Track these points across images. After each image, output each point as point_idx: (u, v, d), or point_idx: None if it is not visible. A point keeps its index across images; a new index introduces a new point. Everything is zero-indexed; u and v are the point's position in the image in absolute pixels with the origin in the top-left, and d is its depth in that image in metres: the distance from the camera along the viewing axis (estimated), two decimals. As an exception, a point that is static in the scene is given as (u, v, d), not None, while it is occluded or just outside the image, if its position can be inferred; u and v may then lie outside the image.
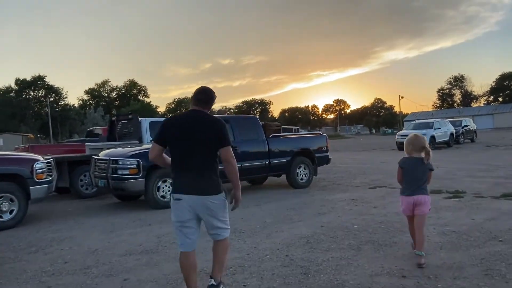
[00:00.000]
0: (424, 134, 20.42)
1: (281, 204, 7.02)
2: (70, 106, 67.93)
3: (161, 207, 6.96)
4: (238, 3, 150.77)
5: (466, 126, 26.63)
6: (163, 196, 7.05)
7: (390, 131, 72.84)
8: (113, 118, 10.51)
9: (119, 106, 75.69)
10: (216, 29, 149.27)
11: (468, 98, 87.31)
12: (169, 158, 3.01)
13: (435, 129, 21.88)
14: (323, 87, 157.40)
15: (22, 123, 60.05)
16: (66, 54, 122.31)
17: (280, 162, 8.76)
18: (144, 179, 6.81)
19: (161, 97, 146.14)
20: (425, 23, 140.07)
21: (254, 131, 8.43)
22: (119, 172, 6.79)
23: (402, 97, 75.40)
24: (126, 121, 10.28)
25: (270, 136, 8.78)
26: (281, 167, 8.84)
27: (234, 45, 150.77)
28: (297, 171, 9.07)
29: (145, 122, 9.89)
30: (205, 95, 3.03)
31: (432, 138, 21.07)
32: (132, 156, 6.84)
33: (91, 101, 79.37)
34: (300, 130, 53.08)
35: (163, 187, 7.06)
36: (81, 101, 78.27)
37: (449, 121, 24.85)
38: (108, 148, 8.13)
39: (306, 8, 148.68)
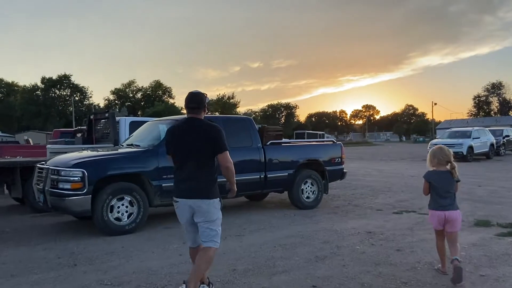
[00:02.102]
0: (461, 144, 18.35)
1: (271, 236, 5.23)
2: (94, 105, 68.17)
3: (115, 233, 5.33)
4: (269, 5, 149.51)
5: (507, 136, 23.92)
6: (118, 219, 5.41)
7: (421, 139, 69.29)
8: (91, 117, 9.03)
9: (144, 107, 75.53)
10: (246, 32, 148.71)
11: (506, 106, 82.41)
12: None
13: (473, 138, 19.43)
14: (353, 92, 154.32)
15: (47, 122, 60.51)
16: (95, 54, 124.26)
17: (280, 176, 6.97)
18: (90, 196, 5.19)
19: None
20: (461, 29, 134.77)
21: (246, 137, 6.69)
22: (60, 185, 5.20)
23: (435, 104, 71.65)
24: (105, 120, 8.76)
25: (268, 143, 7.02)
26: (281, 183, 7.05)
27: (264, 49, 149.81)
28: (302, 187, 7.25)
29: (124, 122, 8.34)
30: (194, 102, 3.12)
31: (470, 148, 18.69)
32: (75, 166, 5.23)
33: (116, 101, 79.66)
34: (326, 136, 51.08)
35: (119, 207, 5.42)
36: (106, 101, 78.67)
37: (489, 130, 22.25)
38: (65, 152, 6.57)
39: (338, 11, 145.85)
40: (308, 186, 7.34)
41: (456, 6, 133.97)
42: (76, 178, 5.13)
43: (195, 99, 3.12)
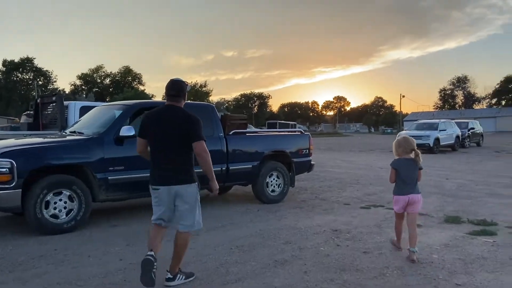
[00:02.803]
0: (428, 136, 18.39)
1: (229, 236, 4.72)
2: (60, 90, 65.30)
3: (51, 232, 4.68)
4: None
5: (472, 128, 24.35)
6: (54, 216, 4.76)
7: (389, 130, 70.46)
8: (38, 101, 8.19)
9: (113, 93, 73.10)
10: (220, 20, 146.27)
11: (470, 99, 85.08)
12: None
13: (440, 130, 19.55)
14: (325, 83, 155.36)
15: (9, 106, 57.45)
16: (61, 37, 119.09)
17: (243, 168, 6.46)
18: (20, 190, 4.51)
19: (163, 86, 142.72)
20: (430, 24, 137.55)
21: (207, 125, 6.09)
22: (-16, 178, 4.48)
23: (403, 96, 73.16)
24: (53, 104, 7.95)
25: (231, 133, 6.48)
26: (245, 175, 6.54)
27: (238, 38, 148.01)
28: (267, 180, 6.78)
29: (74, 106, 7.59)
30: (174, 90, 3.16)
31: (436, 140, 18.79)
32: (2, 155, 4.51)
33: (83, 87, 76.73)
34: (298, 126, 50.93)
35: (56, 202, 4.76)
36: (73, 86, 75.63)
37: (455, 122, 22.54)
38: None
39: (312, 4, 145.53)
40: (274, 179, 6.87)
41: (426, 1, 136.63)
42: (3, 170, 4.42)
43: (176, 87, 3.16)
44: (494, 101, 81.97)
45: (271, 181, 6.83)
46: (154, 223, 3.19)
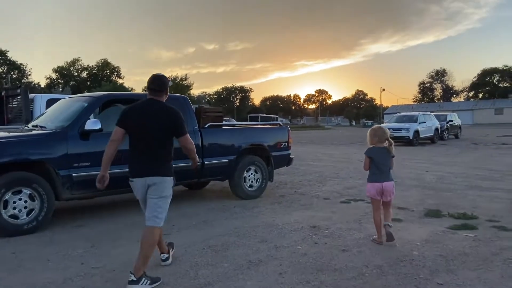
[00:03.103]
0: (407, 128, 18.46)
1: (202, 235, 4.48)
2: (34, 84, 63.50)
3: (10, 233, 4.35)
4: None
5: (451, 121, 24.63)
6: (14, 216, 4.42)
7: (370, 123, 71.03)
8: (3, 93, 7.74)
9: (90, 87, 71.46)
10: (201, 12, 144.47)
11: (448, 92, 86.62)
12: (115, 151, 3.13)
13: (419, 123, 19.70)
14: (307, 77, 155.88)
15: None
16: (35, 29, 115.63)
17: (219, 163, 6.21)
18: (-28, 189, 4.15)
19: (143, 79, 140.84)
20: (409, 17, 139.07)
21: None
22: None
23: (384, 90, 73.87)
24: (19, 97, 7.51)
25: (206, 126, 6.21)
26: (221, 170, 6.29)
27: (219, 30, 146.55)
28: (245, 175, 6.55)
29: (40, 99, 7.18)
30: (155, 84, 3.17)
31: (416, 132, 18.94)
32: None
33: (59, 80, 74.79)
34: (280, 119, 50.89)
35: (15, 202, 4.42)
36: (48, 80, 73.61)
37: (434, 115, 22.75)
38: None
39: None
40: (252, 174, 6.64)
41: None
42: (-47, 168, 4.07)
43: (157, 82, 3.19)
44: (471, 94, 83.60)
45: (249, 176, 6.61)
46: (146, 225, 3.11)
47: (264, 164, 6.76)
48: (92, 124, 4.86)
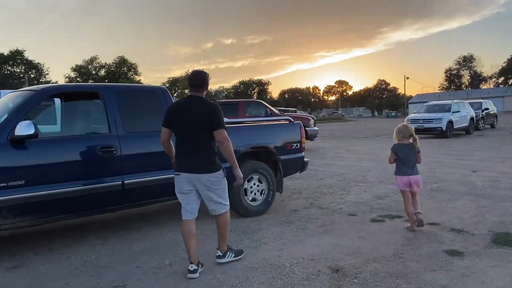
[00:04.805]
0: (440, 119, 16.44)
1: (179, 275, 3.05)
2: (53, 83, 63.67)
3: None
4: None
5: (486, 109, 22.51)
6: None
7: (394, 114, 68.27)
8: None
9: (108, 84, 71.36)
10: (218, 7, 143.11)
11: (477, 79, 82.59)
12: (171, 147, 3.36)
13: (453, 112, 17.63)
14: (326, 68, 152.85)
15: None
16: (53, 29, 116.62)
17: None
18: None
19: (163, 76, 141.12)
20: (432, 4, 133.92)
21: (158, 116, 4.39)
22: None
23: (408, 78, 70.88)
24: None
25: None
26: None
27: (237, 24, 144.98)
28: (246, 186, 5.10)
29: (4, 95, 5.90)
30: (196, 80, 3.26)
31: (450, 123, 16.92)
32: None
33: (78, 79, 74.99)
34: (298, 112, 49.07)
35: None
36: (67, 78, 73.81)
37: (468, 103, 20.62)
38: None
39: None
40: (254, 184, 5.18)
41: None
42: None
43: (198, 77, 3.27)
44: (501, 80, 79.42)
45: (251, 187, 5.15)
46: (184, 219, 3.21)
47: (270, 171, 5.29)
48: (24, 128, 3.51)
